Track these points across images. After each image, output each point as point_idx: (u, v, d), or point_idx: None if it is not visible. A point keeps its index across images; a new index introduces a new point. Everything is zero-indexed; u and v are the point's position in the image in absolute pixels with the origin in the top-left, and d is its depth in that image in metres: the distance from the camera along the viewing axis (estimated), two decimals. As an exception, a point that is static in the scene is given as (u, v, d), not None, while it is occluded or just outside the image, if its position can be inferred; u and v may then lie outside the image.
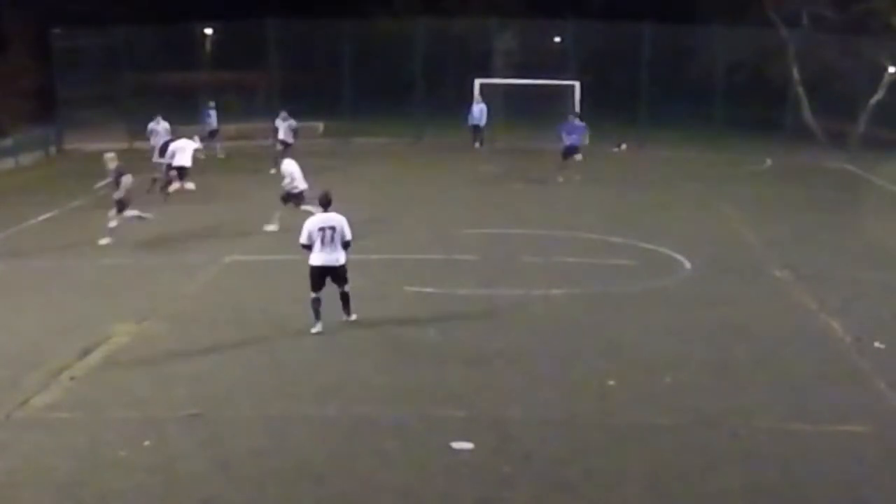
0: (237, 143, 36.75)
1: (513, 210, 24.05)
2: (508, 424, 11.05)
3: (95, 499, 9.33)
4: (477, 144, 34.58)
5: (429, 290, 16.42)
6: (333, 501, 9.42)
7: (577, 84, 36.15)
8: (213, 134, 33.45)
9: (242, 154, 34.46)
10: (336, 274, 13.94)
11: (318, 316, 13.82)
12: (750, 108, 36.52)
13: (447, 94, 40.65)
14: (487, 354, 13.40)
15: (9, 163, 31.72)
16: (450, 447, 10.40)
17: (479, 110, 34.63)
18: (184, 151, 24.29)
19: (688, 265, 18.58)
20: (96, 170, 21.59)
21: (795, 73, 38.63)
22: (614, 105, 36.26)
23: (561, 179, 27.89)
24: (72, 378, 12.39)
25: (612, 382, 12.37)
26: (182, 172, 24.24)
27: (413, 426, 10.90)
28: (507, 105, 36.65)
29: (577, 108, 35.12)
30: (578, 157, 27.98)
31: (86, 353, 13.30)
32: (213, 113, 34.25)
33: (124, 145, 35.85)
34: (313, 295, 13.82)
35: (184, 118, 35.39)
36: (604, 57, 37.95)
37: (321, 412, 11.25)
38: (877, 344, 13.95)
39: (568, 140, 27.99)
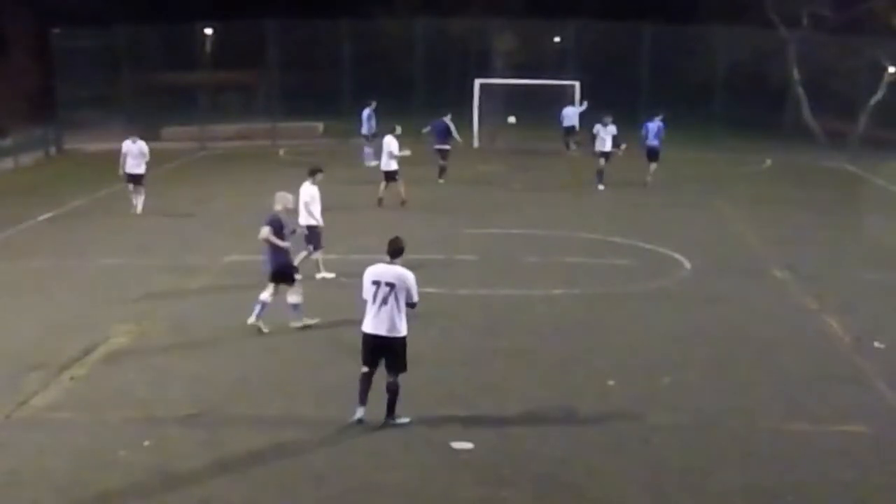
0: (236, 143, 36.74)
1: (513, 210, 24.04)
2: (508, 424, 11.06)
3: (95, 499, 9.33)
4: (573, 146, 34.03)
5: (429, 290, 16.35)
6: (333, 501, 9.42)
7: (577, 84, 36.11)
8: (373, 137, 29.45)
9: (243, 155, 34.46)
10: (389, 350, 10.84)
11: (362, 399, 10.92)
12: (750, 108, 36.44)
13: (447, 95, 40.61)
14: (487, 354, 13.42)
15: (9, 163, 31.67)
16: (450, 447, 10.41)
17: (573, 112, 34.40)
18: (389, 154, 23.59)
19: (688, 265, 18.58)
20: (96, 170, 21.55)
21: (795, 73, 38.60)
22: (614, 105, 36.22)
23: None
24: (72, 378, 12.40)
25: (612, 382, 12.37)
26: (391, 176, 23.76)
27: (413, 426, 10.90)
28: (507, 105, 36.57)
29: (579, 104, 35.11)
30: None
31: (86, 353, 13.31)
32: (373, 115, 30.85)
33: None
34: (364, 369, 10.97)
35: (183, 118, 35.41)
36: (604, 57, 37.89)
37: (321, 412, 11.25)
38: (877, 344, 13.96)
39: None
